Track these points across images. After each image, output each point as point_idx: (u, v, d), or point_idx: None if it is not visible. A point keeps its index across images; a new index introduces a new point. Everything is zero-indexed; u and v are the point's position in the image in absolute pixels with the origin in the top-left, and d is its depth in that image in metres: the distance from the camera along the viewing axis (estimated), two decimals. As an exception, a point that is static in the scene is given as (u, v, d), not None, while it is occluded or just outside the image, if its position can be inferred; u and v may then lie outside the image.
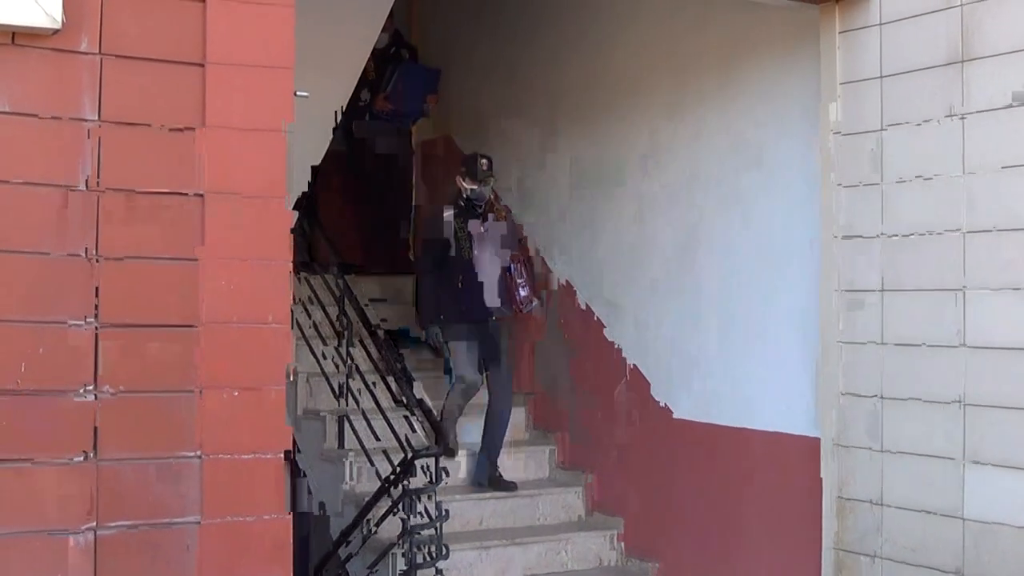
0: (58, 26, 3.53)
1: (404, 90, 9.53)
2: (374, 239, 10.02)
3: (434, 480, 6.70)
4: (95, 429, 3.60)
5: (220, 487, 3.75)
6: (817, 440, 6.31)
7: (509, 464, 8.20)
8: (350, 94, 6.70)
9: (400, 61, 9.63)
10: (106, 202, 3.62)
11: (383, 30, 8.49)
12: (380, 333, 7.74)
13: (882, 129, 5.95)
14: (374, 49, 8.51)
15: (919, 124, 5.77)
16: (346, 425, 7.71)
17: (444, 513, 6.71)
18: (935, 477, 5.72)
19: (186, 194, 3.72)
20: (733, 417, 6.96)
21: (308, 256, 8.31)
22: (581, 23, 8.34)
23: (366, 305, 8.07)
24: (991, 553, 5.48)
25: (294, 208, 7.39)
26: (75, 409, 3.58)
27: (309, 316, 8.16)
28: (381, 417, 7.45)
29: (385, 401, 7.50)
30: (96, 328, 3.60)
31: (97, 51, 3.62)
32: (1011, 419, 5.40)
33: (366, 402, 7.61)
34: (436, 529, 6.69)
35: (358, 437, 7.55)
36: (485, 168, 7.84)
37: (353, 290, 7.98)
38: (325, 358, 7.97)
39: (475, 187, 7.83)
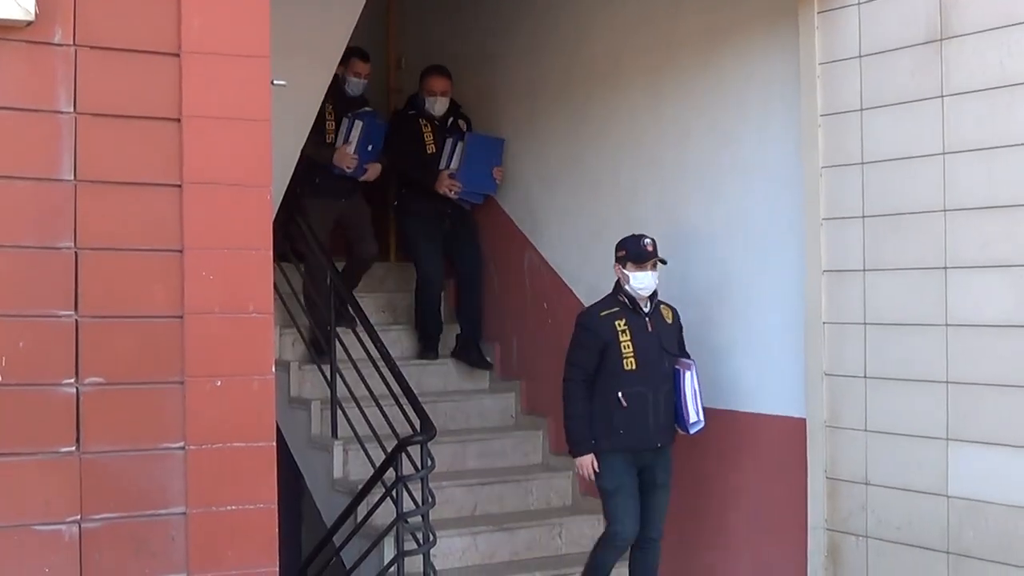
0: (31, 17, 3.52)
1: (470, 164, 8.68)
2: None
3: (420, 467, 6.72)
4: (78, 421, 3.60)
5: (205, 478, 3.76)
6: (803, 421, 6.34)
7: (499, 448, 8.22)
8: (329, 82, 6.69)
9: (461, 132, 8.80)
10: (84, 194, 3.62)
11: (439, 93, 8.69)
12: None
13: (862, 109, 5.96)
14: (432, 121, 8.71)
15: (898, 104, 5.79)
16: (338, 412, 7.72)
17: (431, 499, 6.73)
18: (920, 456, 5.76)
19: (165, 184, 3.72)
20: (719, 399, 6.97)
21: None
22: (558, 10, 8.33)
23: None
24: (976, 530, 5.52)
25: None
26: (58, 402, 3.59)
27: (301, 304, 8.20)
28: (374, 404, 7.48)
29: (377, 388, 7.52)
30: (77, 320, 3.60)
31: (71, 42, 3.61)
32: (994, 397, 5.44)
33: (358, 389, 7.64)
34: (424, 516, 6.70)
35: (351, 424, 7.58)
36: (650, 249, 6.61)
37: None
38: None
39: (640, 274, 6.59)
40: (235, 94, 3.81)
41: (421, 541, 6.75)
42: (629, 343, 6.52)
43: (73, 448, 3.60)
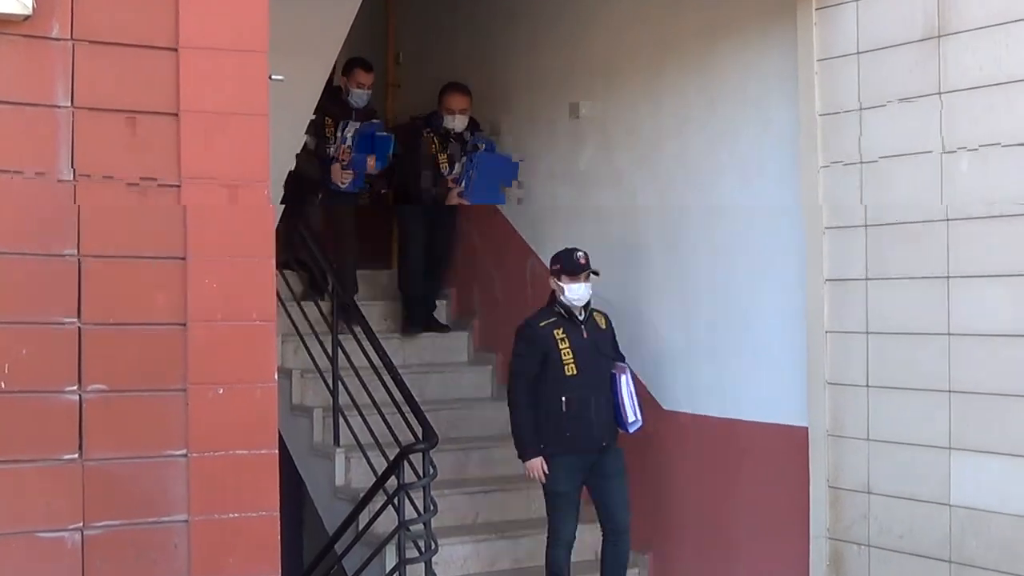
0: (29, 12, 3.50)
1: (479, 183, 8.58)
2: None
3: (423, 475, 6.72)
4: (81, 429, 3.60)
5: (208, 485, 3.75)
6: (805, 429, 6.34)
7: (501, 456, 8.22)
8: (327, 77, 6.69)
9: (475, 151, 8.66)
10: (83, 193, 3.61)
11: (457, 111, 8.63)
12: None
13: (860, 108, 5.95)
14: (448, 136, 8.65)
15: (896, 101, 5.78)
16: (340, 420, 7.73)
17: (433, 507, 6.74)
18: (922, 465, 5.75)
19: (163, 182, 3.71)
20: (721, 408, 6.98)
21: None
22: (557, 7, 8.33)
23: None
24: (977, 539, 5.52)
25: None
26: (61, 409, 3.58)
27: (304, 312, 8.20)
28: (376, 412, 7.48)
29: (379, 395, 7.52)
30: (79, 327, 3.60)
31: (69, 37, 3.59)
32: (996, 405, 5.44)
33: (360, 397, 7.64)
34: (426, 524, 6.70)
35: (353, 432, 7.58)
36: (583, 262, 6.87)
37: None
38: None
39: (574, 286, 6.86)
40: (233, 89, 3.79)
41: (423, 549, 6.76)
42: (569, 350, 6.85)
43: (76, 455, 3.59)
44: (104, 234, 3.64)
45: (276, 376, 3.90)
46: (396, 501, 6.74)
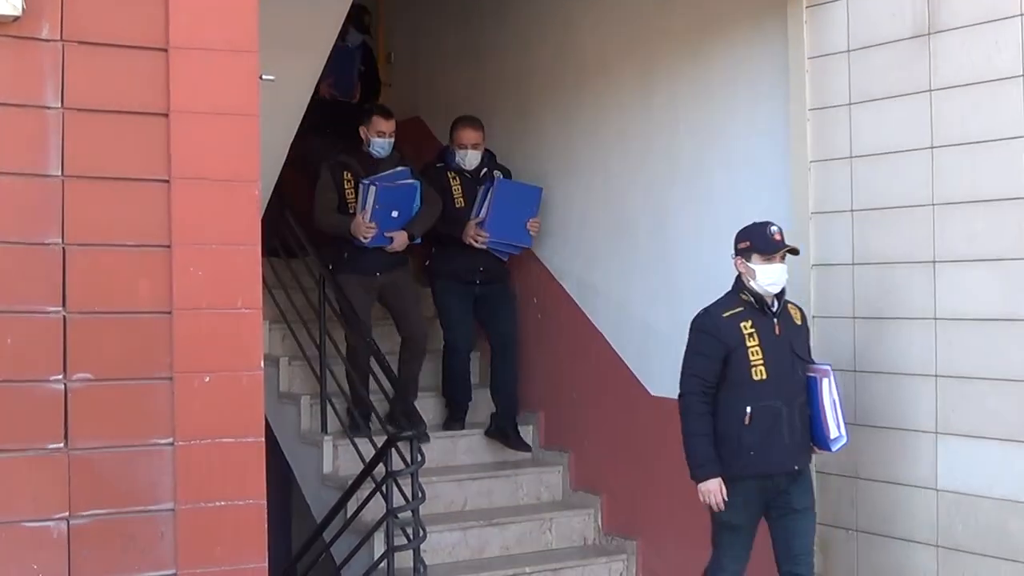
0: (18, 12, 3.51)
1: (499, 213, 7.99)
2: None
3: (410, 462, 6.71)
4: (66, 418, 3.60)
5: (194, 474, 3.75)
6: (793, 414, 6.34)
7: (489, 444, 8.21)
8: (317, 77, 6.67)
9: (490, 182, 8.11)
10: (71, 189, 3.61)
11: (469, 146, 8.07)
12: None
13: (850, 104, 5.97)
14: (462, 173, 8.10)
15: (886, 98, 5.80)
16: (328, 408, 7.73)
17: (421, 495, 6.74)
18: (909, 449, 5.76)
19: (153, 180, 3.71)
20: (709, 393, 6.98)
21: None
22: (547, 4, 8.33)
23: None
24: (965, 524, 5.53)
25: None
26: (46, 398, 3.58)
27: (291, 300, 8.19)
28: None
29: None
30: (65, 316, 3.60)
31: (59, 37, 3.60)
32: (982, 390, 5.45)
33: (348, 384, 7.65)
34: (414, 511, 6.71)
35: (340, 420, 7.58)
36: (778, 238, 5.68)
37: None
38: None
39: (769, 268, 5.65)
40: (224, 89, 3.80)
41: (411, 536, 6.75)
42: (757, 348, 5.61)
43: (61, 444, 3.59)
44: (89, 222, 3.63)
45: (262, 364, 3.90)
46: (384, 489, 6.74)
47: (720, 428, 5.64)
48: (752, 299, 5.68)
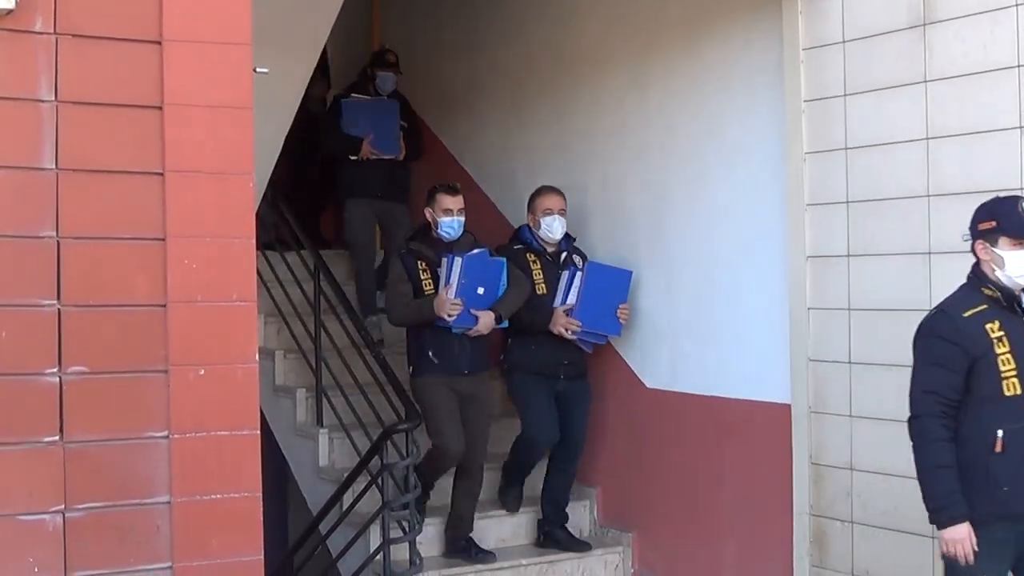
0: (11, 6, 3.50)
1: (589, 299, 7.24)
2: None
3: (406, 455, 6.71)
4: (61, 411, 3.59)
5: (189, 466, 3.76)
6: (788, 407, 6.35)
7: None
8: (312, 70, 6.66)
9: (576, 266, 7.40)
10: (66, 182, 3.60)
11: (556, 211, 7.29)
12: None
13: (845, 95, 5.97)
14: (543, 256, 7.34)
15: (882, 89, 5.80)
16: (323, 401, 7.72)
17: (416, 487, 6.74)
18: (905, 441, 5.73)
19: (147, 172, 3.71)
20: (705, 386, 6.99)
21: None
22: (543, -3, 8.34)
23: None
24: (960, 514, 5.52)
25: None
26: (41, 391, 3.58)
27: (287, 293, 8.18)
28: (359, 392, 7.48)
29: (362, 376, 7.52)
30: (59, 309, 3.59)
31: (52, 31, 3.60)
32: (978, 381, 5.44)
33: (343, 377, 7.64)
34: (409, 504, 6.71)
35: (336, 412, 7.57)
36: None
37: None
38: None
39: (1020, 252, 4.63)
40: (217, 81, 3.79)
41: (407, 529, 6.76)
42: (1008, 356, 4.51)
43: (57, 438, 3.59)
44: (83, 215, 3.62)
45: (257, 357, 3.90)
46: (380, 481, 6.74)
47: (962, 457, 4.55)
48: (999, 294, 4.61)
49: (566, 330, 7.24)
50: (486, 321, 7.05)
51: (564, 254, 7.47)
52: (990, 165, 5.38)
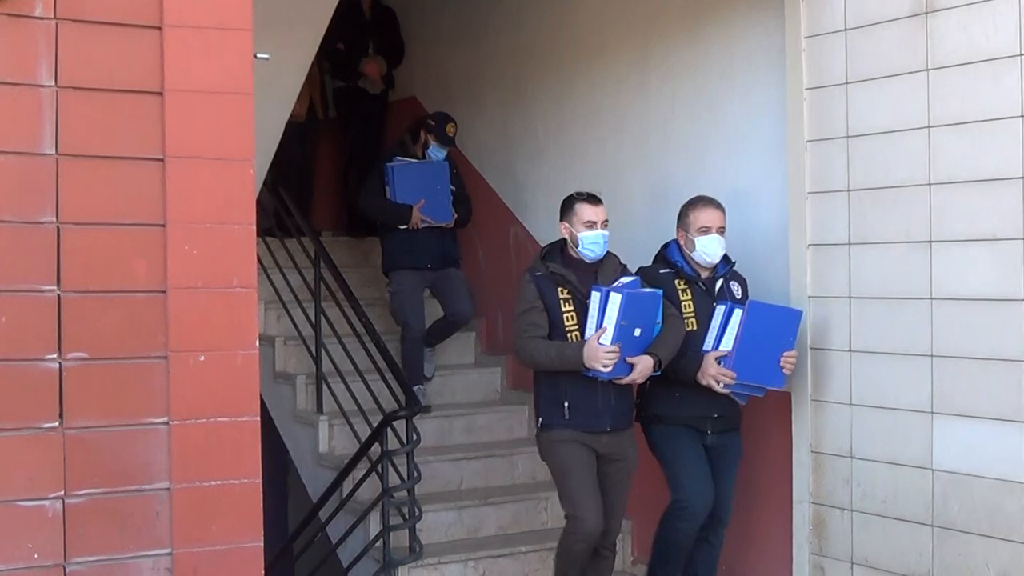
0: (12, -10, 3.50)
1: (748, 346, 6.03)
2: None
3: (406, 442, 6.72)
4: (61, 397, 3.59)
5: (189, 453, 3.75)
6: (788, 394, 6.35)
7: (484, 423, 8.22)
8: (313, 56, 6.65)
9: (733, 299, 6.23)
10: (66, 168, 3.60)
11: (715, 229, 6.15)
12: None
13: (847, 83, 5.96)
14: (697, 283, 6.16)
15: (884, 77, 5.79)
16: (323, 388, 7.73)
17: (417, 474, 6.75)
18: (905, 429, 5.77)
19: (147, 158, 3.70)
20: (705, 373, 6.98)
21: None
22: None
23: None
24: (960, 503, 5.54)
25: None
26: (41, 377, 3.57)
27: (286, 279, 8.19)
28: (359, 379, 7.49)
29: (362, 363, 7.53)
30: (59, 295, 3.59)
31: (52, 15, 3.58)
32: (979, 370, 5.45)
33: (344, 364, 7.64)
34: (409, 491, 6.72)
35: (336, 399, 7.58)
36: None
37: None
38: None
39: None
40: (218, 67, 3.78)
41: (407, 516, 6.77)
42: None
43: (56, 424, 3.59)
44: (83, 201, 3.62)
45: (258, 343, 3.89)
46: (380, 468, 6.76)
47: None
48: None
49: (717, 382, 6.07)
50: (643, 369, 5.88)
51: (719, 282, 6.25)
52: (992, 153, 5.37)
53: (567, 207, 6.11)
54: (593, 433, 5.98)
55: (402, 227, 8.04)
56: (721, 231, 6.18)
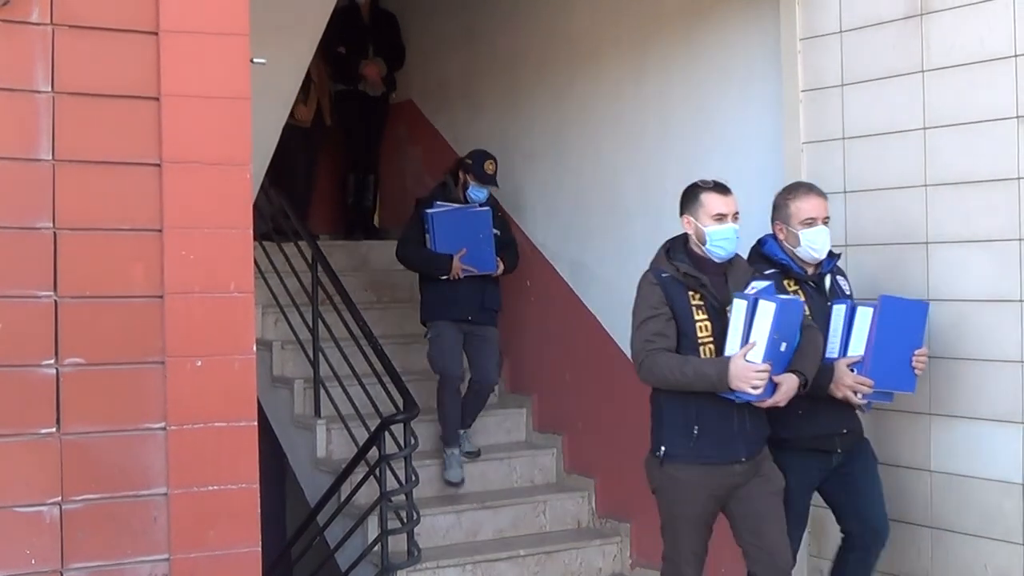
0: (8, -4, 3.51)
1: (883, 350, 5.27)
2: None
3: (404, 446, 6.72)
4: (58, 402, 3.59)
5: (187, 458, 3.74)
6: (787, 396, 6.34)
7: (482, 427, 8.22)
8: (309, 61, 6.65)
9: (847, 296, 5.48)
10: (62, 173, 3.60)
11: (820, 220, 5.34)
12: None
13: (843, 84, 5.96)
14: (805, 282, 5.31)
15: (879, 79, 5.79)
16: (321, 392, 7.73)
17: (415, 478, 6.75)
18: (902, 430, 5.76)
19: (144, 164, 3.70)
20: (702, 376, 6.97)
21: None
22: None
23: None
24: (958, 505, 5.54)
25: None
26: (38, 383, 3.57)
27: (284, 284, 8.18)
28: (357, 383, 7.49)
29: (360, 367, 7.53)
30: (56, 301, 3.58)
31: (48, 21, 3.58)
32: (976, 371, 5.44)
33: (341, 368, 7.64)
34: (407, 495, 6.71)
35: (334, 403, 7.58)
36: None
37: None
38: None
39: None
40: (214, 72, 3.78)
41: (405, 520, 6.77)
42: None
43: (53, 429, 3.58)
44: (80, 206, 3.62)
45: (255, 348, 3.89)
46: (377, 472, 6.75)
47: None
48: None
49: (854, 394, 5.23)
50: (788, 390, 4.95)
51: (827, 278, 5.47)
52: (987, 155, 5.37)
53: (690, 198, 5.22)
54: (724, 465, 5.06)
55: (443, 277, 7.67)
56: (826, 221, 5.38)
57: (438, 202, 7.72)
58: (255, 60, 3.92)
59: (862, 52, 5.88)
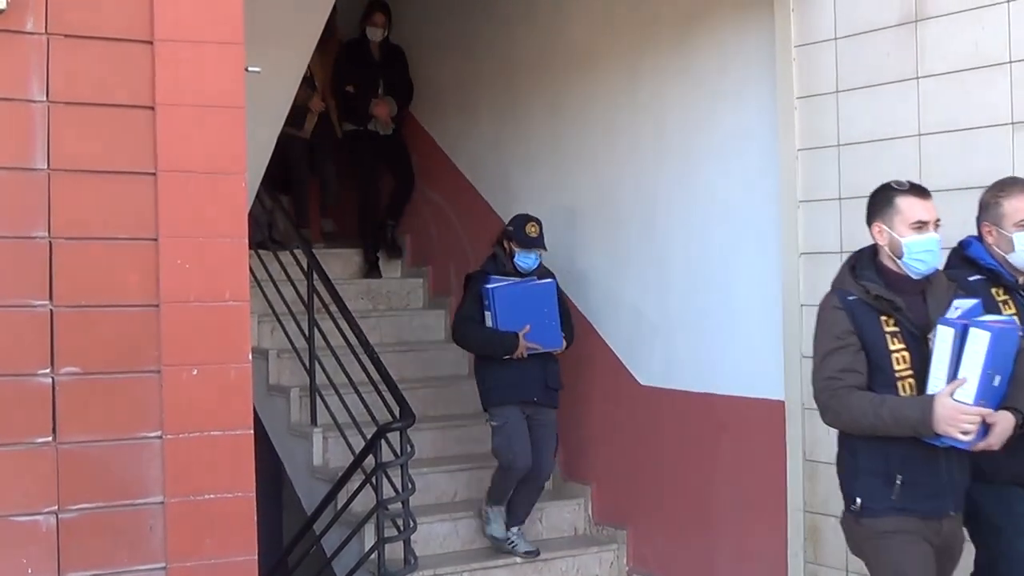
0: (3, 6, 3.49)
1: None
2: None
3: (400, 454, 6.71)
4: (54, 412, 3.58)
5: (183, 467, 3.73)
6: (781, 403, 6.36)
7: (478, 434, 8.20)
8: (304, 69, 6.65)
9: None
10: (57, 183, 3.60)
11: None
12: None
13: (837, 91, 5.97)
14: (1015, 291, 4.50)
15: (874, 86, 5.80)
16: (317, 400, 7.72)
17: (411, 486, 6.74)
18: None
19: (139, 173, 3.70)
20: (698, 383, 6.99)
21: None
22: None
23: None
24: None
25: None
26: (33, 392, 3.56)
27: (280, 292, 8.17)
28: (353, 391, 7.48)
29: (356, 375, 7.52)
30: (51, 310, 3.58)
31: (43, 31, 3.58)
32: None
33: (337, 376, 7.64)
34: (404, 503, 6.71)
35: (330, 411, 7.57)
36: None
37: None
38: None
39: None
40: (209, 81, 3.78)
41: (401, 528, 6.76)
42: None
43: (50, 438, 3.58)
44: (75, 216, 3.62)
45: (251, 356, 3.89)
46: (374, 480, 6.75)
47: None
48: None
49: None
50: (1003, 431, 4.20)
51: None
52: (982, 161, 5.38)
53: (882, 202, 4.47)
54: (931, 519, 4.35)
55: (506, 357, 7.21)
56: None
57: (493, 276, 7.27)
58: (250, 69, 3.93)
59: (857, 59, 5.90)
